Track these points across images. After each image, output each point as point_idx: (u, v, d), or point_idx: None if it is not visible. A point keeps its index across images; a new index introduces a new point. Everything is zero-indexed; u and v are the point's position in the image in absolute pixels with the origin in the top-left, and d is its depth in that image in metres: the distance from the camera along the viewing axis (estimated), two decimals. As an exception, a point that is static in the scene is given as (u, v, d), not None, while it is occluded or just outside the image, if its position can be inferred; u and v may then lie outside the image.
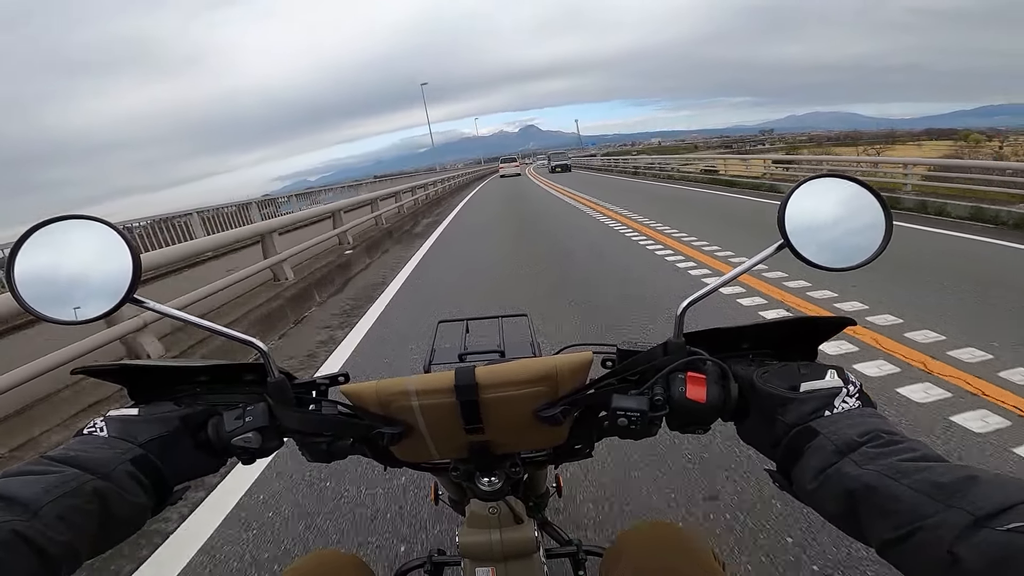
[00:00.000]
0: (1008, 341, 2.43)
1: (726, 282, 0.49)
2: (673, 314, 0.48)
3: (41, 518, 0.33)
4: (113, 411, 0.45)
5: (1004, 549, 0.26)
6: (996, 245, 4.66)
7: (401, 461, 0.55)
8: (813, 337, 0.50)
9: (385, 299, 4.47)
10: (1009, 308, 2.92)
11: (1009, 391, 2.00)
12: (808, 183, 0.46)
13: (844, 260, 0.46)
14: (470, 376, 0.45)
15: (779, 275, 3.86)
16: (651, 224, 7.05)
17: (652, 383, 0.47)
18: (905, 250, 4.36)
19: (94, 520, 0.36)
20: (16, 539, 0.31)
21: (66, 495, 0.35)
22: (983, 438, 1.75)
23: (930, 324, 2.71)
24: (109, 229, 0.44)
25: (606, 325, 3.24)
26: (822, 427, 0.39)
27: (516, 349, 0.77)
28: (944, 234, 5.27)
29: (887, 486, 0.33)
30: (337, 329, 3.79)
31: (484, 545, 0.58)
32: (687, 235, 6.00)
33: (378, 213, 9.10)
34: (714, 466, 1.72)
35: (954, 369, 2.22)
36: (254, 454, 0.48)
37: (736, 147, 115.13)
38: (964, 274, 3.69)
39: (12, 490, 0.33)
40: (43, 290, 0.44)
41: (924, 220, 6.12)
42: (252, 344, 0.49)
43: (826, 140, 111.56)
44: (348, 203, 8.40)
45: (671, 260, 4.88)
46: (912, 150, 48.05)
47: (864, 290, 3.34)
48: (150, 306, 0.46)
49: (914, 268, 3.83)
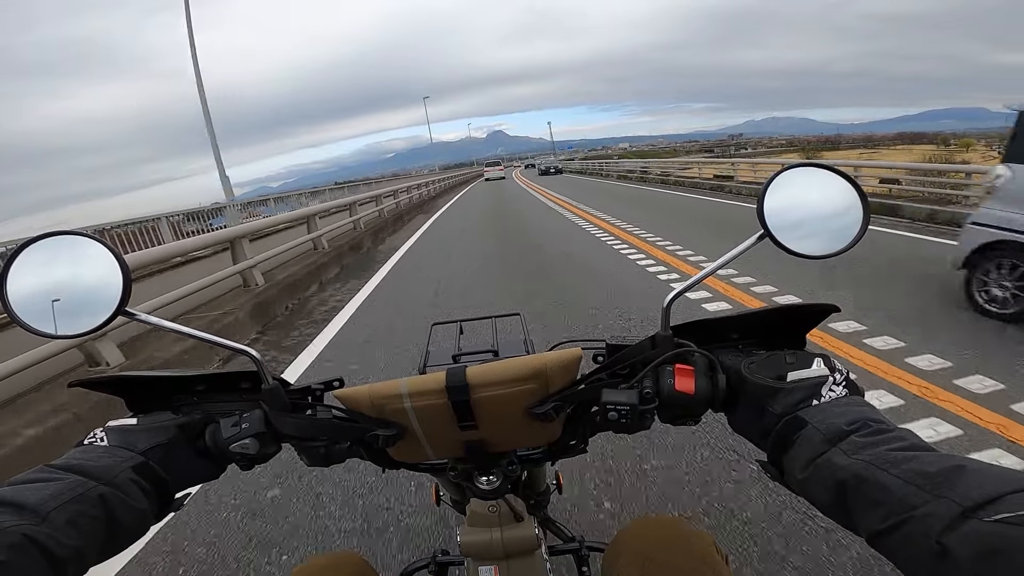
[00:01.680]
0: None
1: (710, 273, 0.50)
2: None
3: (50, 522, 0.34)
4: (112, 422, 0.47)
5: (992, 540, 0.26)
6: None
7: (398, 463, 0.56)
8: (800, 325, 0.51)
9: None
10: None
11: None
12: (785, 173, 0.47)
13: (824, 247, 0.47)
14: (461, 376, 0.46)
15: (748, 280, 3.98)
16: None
17: (641, 376, 0.48)
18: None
19: (101, 525, 0.38)
20: (26, 542, 0.32)
21: (73, 501, 0.36)
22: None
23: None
24: (98, 244, 0.46)
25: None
26: (810, 416, 0.40)
27: (509, 348, 0.78)
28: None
29: (876, 476, 0.33)
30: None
31: (485, 544, 0.59)
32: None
33: (317, 234, 6.83)
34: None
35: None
36: (252, 460, 0.49)
37: (717, 151, 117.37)
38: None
39: (21, 497, 0.35)
40: (36, 305, 0.45)
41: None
42: (246, 352, 0.50)
43: (807, 144, 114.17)
44: (264, 225, 6.02)
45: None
46: (901, 154, 49.11)
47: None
48: (141, 318, 0.48)
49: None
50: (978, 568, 0.26)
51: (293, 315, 4.49)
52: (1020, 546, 0.25)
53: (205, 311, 4.16)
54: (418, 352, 0.81)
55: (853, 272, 3.92)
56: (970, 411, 1.98)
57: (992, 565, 0.26)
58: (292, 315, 4.50)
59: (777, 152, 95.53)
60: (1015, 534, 0.26)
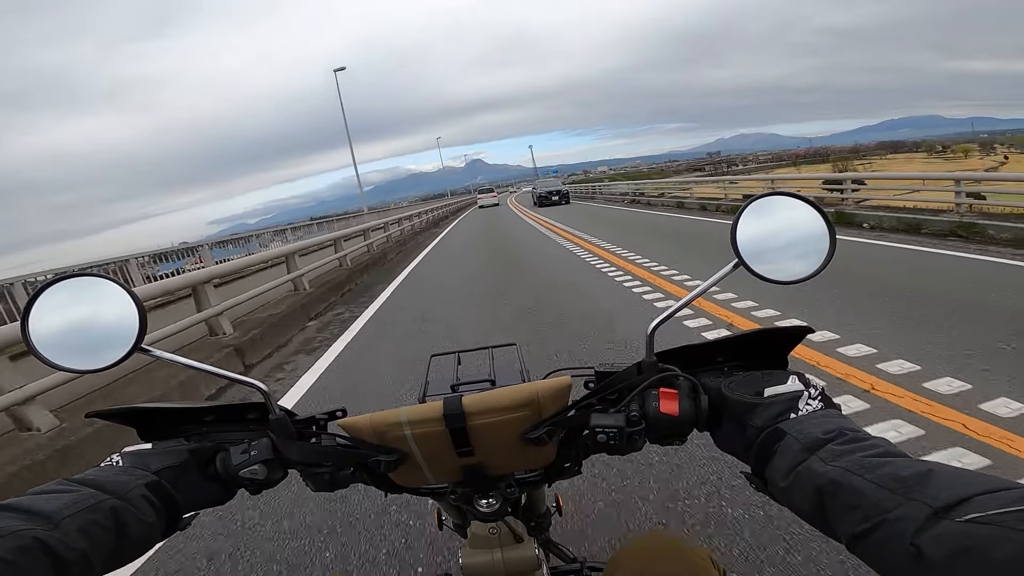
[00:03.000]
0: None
1: (688, 302, 0.54)
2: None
3: (61, 528, 0.37)
4: (128, 448, 0.50)
5: (963, 539, 0.27)
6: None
7: (400, 487, 0.59)
8: (780, 347, 0.53)
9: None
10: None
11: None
12: (755, 202, 0.50)
13: (794, 273, 0.49)
14: (457, 405, 0.50)
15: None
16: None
17: (628, 400, 0.51)
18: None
19: (110, 536, 0.40)
20: (36, 545, 0.35)
21: (85, 510, 0.39)
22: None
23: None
24: (116, 286, 0.50)
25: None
26: (789, 428, 0.42)
27: (506, 377, 0.81)
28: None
29: (851, 481, 0.34)
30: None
31: (486, 565, 0.61)
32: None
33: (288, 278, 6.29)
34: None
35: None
36: (260, 485, 0.53)
37: (710, 169, 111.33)
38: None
39: (36, 505, 0.38)
40: (57, 342, 0.49)
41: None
42: (253, 385, 0.53)
43: (799, 158, 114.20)
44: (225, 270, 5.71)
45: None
46: (905, 164, 49.40)
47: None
48: (157, 354, 0.52)
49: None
50: (952, 566, 0.27)
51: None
52: (990, 543, 0.26)
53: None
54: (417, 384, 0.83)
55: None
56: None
57: (965, 563, 0.27)
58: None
59: (768, 167, 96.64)
60: (985, 532, 0.27)
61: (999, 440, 1.90)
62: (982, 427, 1.99)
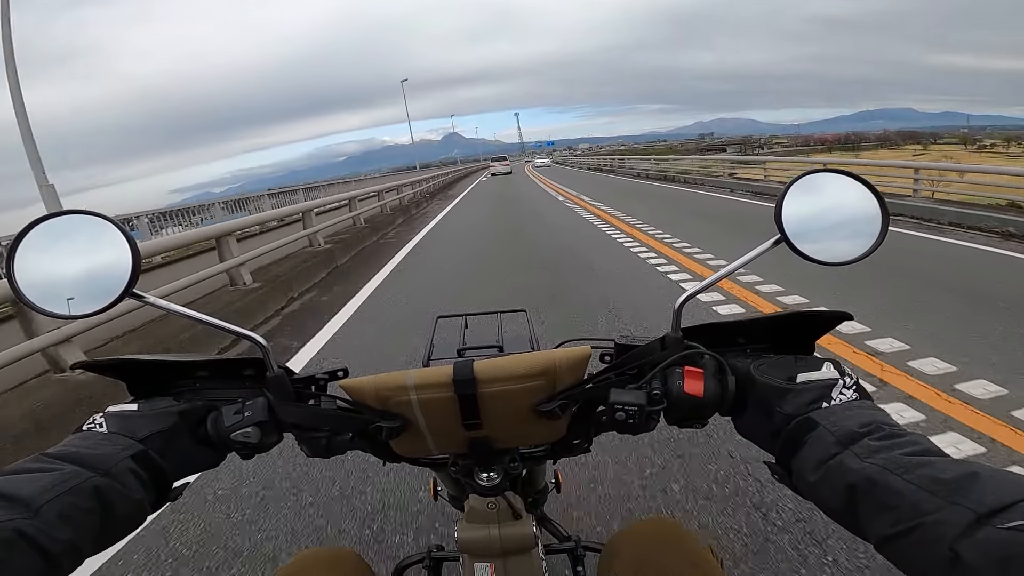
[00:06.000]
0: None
1: (723, 276, 0.51)
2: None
3: (41, 516, 0.34)
4: (112, 407, 0.47)
5: (1007, 547, 0.27)
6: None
7: (400, 456, 0.57)
8: (810, 332, 0.52)
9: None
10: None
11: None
12: (805, 178, 0.49)
13: (840, 255, 0.48)
14: (468, 370, 0.47)
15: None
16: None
17: (650, 377, 0.49)
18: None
19: (95, 517, 0.38)
20: (18, 538, 0.33)
21: (66, 493, 0.37)
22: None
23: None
24: (108, 223, 0.46)
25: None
26: (822, 418, 0.41)
27: (515, 344, 0.80)
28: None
29: (888, 480, 0.34)
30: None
31: (483, 540, 0.60)
32: None
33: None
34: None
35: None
36: (253, 449, 0.50)
37: (730, 150, 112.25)
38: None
39: (12, 489, 0.35)
40: (43, 285, 0.46)
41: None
42: (252, 339, 0.50)
43: (829, 144, 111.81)
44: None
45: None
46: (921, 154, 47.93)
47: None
48: (150, 301, 0.48)
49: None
50: (992, 574, 0.27)
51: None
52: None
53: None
54: (422, 344, 0.82)
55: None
56: None
57: (1007, 572, 0.26)
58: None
59: (803, 152, 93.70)
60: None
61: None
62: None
